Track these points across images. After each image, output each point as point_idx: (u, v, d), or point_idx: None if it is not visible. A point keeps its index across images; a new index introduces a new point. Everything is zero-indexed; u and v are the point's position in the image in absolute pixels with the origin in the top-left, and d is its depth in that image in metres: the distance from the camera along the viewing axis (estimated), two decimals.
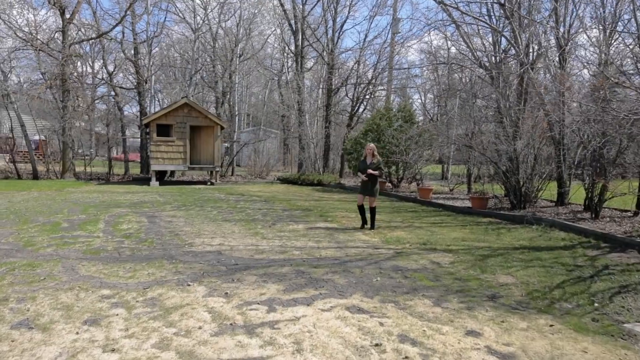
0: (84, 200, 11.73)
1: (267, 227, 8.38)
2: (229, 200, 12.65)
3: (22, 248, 6.02)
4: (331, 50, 20.91)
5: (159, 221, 8.62)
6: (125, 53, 25.21)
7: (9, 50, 19.01)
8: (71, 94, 19.83)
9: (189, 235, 7.34)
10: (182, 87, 25.80)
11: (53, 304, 3.97)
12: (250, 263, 5.63)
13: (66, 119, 19.64)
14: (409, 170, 15.56)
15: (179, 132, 18.06)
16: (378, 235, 7.76)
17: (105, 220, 8.54)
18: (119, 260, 5.59)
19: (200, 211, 10.17)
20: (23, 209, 9.82)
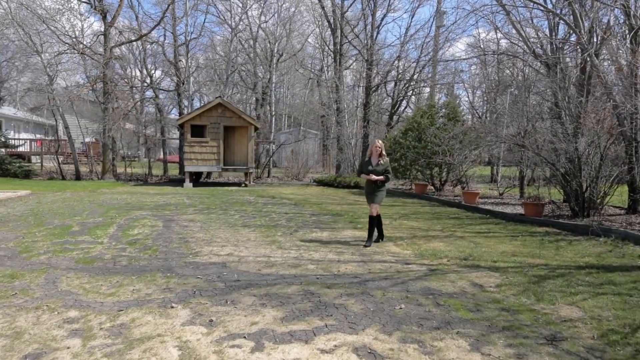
0: (110, 201, 11.49)
1: (288, 234, 7.58)
2: (256, 203, 12.01)
3: (17, 255, 5.57)
4: (370, 47, 19.89)
5: (174, 226, 8.05)
6: (166, 55, 25.46)
7: (54, 54, 19.50)
8: (111, 96, 20.06)
9: (198, 242, 6.68)
10: (217, 87, 25.68)
11: (4, 328, 3.35)
12: (254, 279, 4.84)
13: (106, 121, 19.90)
14: (453, 173, 14.27)
15: (213, 132, 17.74)
16: (411, 246, 6.74)
17: (119, 223, 8.08)
18: (109, 272, 4.97)
19: (222, 215, 9.56)
20: (46, 210, 9.62)
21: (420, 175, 15.13)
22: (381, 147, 6.93)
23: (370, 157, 7.03)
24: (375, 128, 21.07)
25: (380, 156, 6.88)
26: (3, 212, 9.25)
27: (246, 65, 26.70)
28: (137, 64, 25.45)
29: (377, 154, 6.90)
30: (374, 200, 6.86)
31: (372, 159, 6.95)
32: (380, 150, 6.89)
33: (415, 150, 14.35)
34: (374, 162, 6.88)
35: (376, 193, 6.86)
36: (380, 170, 6.76)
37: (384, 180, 6.81)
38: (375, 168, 6.77)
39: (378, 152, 6.89)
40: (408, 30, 19.98)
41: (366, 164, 6.96)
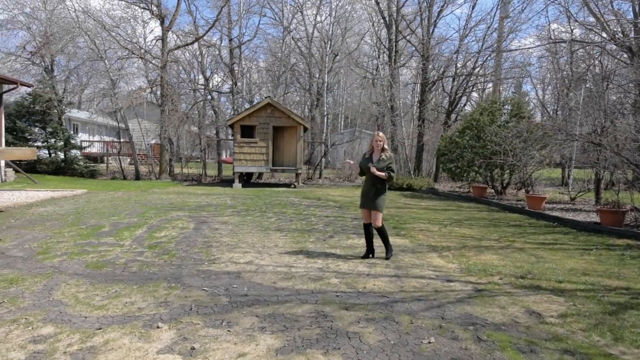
0: (154, 201, 11.51)
1: (321, 240, 6.93)
2: (299, 205, 11.48)
3: (33, 257, 5.41)
4: (426, 42, 18.70)
5: (205, 228, 7.69)
6: (222, 58, 25.86)
7: (115, 60, 20.37)
8: (167, 98, 20.59)
9: (221, 248, 6.22)
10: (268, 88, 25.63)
11: None
12: (264, 294, 4.24)
13: (163, 123, 20.45)
14: (517, 174, 12.84)
15: (262, 132, 17.54)
16: (458, 259, 5.82)
17: (151, 224, 7.87)
18: (113, 279, 4.60)
19: (258, 217, 9.11)
20: (89, 209, 9.74)
21: (479, 177, 13.83)
22: (383, 140, 5.70)
23: (371, 153, 5.81)
24: (431, 127, 19.84)
25: (382, 150, 5.70)
26: (50, 210, 9.46)
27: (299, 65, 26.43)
28: (195, 67, 26.07)
29: (378, 148, 5.70)
30: (373, 206, 5.66)
31: (374, 154, 5.77)
32: (382, 144, 5.70)
33: (473, 150, 13.11)
34: (375, 157, 5.73)
35: (374, 197, 5.66)
36: (381, 167, 5.59)
37: (385, 177, 5.58)
38: (375, 164, 5.61)
39: (379, 146, 5.69)
40: (468, 23, 18.53)
41: (365, 160, 5.77)
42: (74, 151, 22.10)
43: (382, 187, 5.73)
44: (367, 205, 5.76)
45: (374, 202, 5.68)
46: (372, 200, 5.69)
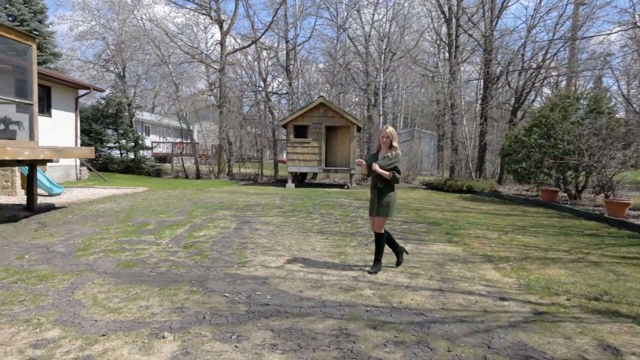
0: (205, 200, 11.63)
1: (363, 245, 6.46)
2: (349, 206, 11.04)
3: (72, 253, 5.47)
4: (489, 35, 17.42)
5: (245, 228, 7.51)
6: (279, 59, 26.06)
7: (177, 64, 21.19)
8: (226, 100, 21.04)
9: (256, 250, 5.96)
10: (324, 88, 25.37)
11: None
12: (287, 305, 3.87)
13: (221, 124, 20.94)
14: (594, 177, 11.44)
15: (315, 132, 17.30)
16: (517, 272, 5.09)
17: (194, 223, 7.84)
18: (138, 280, 4.48)
19: (302, 218, 8.81)
20: (143, 207, 9.99)
21: (550, 180, 12.53)
22: (390, 136, 4.96)
23: (379, 149, 5.15)
24: (495, 126, 18.46)
25: (390, 147, 4.99)
26: (107, 207, 9.83)
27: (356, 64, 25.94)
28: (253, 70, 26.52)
29: (386, 144, 4.98)
30: (376, 211, 5.01)
31: (380, 152, 5.10)
32: (390, 140, 4.95)
33: (542, 149, 11.89)
34: (381, 154, 5.05)
35: (376, 200, 5.01)
36: (385, 165, 4.89)
37: (389, 177, 4.88)
38: (379, 162, 4.94)
39: (387, 142, 4.96)
40: (537, 11, 16.97)
41: (371, 157, 5.12)
42: (143, 151, 23.33)
43: (386, 187, 4.99)
44: (372, 212, 5.10)
45: (376, 205, 5.00)
46: (375, 204, 5.03)
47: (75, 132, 16.39)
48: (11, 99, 8.37)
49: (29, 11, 20.48)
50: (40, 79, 14.34)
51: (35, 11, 20.87)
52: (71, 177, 16.32)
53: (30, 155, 7.47)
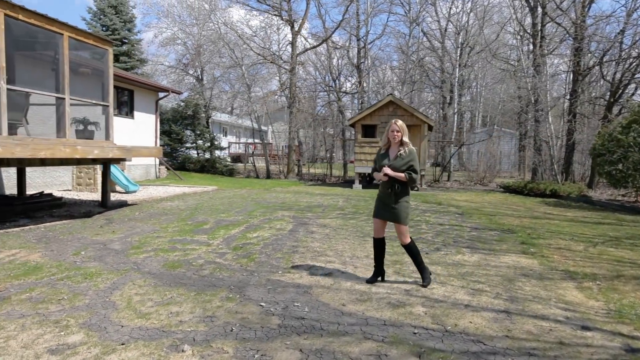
0: (269, 200, 11.63)
1: (423, 253, 5.86)
2: (415, 209, 10.37)
3: (125, 251, 5.57)
4: (581, 21, 15.53)
5: (301, 231, 7.25)
6: (350, 58, 25.71)
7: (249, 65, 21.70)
8: (295, 100, 21.15)
9: (305, 254, 5.65)
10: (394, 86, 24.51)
11: None
12: (325, 320, 3.50)
13: (291, 124, 21.08)
14: None
15: (383, 132, 16.65)
16: (605, 294, 4.25)
17: (251, 224, 7.75)
18: (178, 282, 4.37)
19: (362, 221, 8.37)
20: (207, 205, 10.19)
21: None
22: (401, 131, 4.29)
23: (388, 147, 4.46)
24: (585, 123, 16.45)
25: (401, 144, 4.32)
26: (174, 205, 10.16)
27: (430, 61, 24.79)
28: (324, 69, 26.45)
29: (396, 142, 4.33)
30: (395, 217, 4.34)
31: (390, 150, 4.43)
32: (400, 135, 4.29)
33: None
34: (393, 153, 4.37)
35: (393, 205, 4.34)
36: (400, 165, 4.24)
37: (404, 179, 4.24)
38: (392, 163, 4.28)
39: (397, 138, 4.30)
40: None
41: (380, 157, 4.45)
42: (218, 151, 24.29)
43: (404, 190, 4.34)
44: (384, 216, 4.43)
45: (395, 211, 4.33)
46: (392, 210, 4.34)
47: (155, 133, 17.39)
48: (89, 101, 8.92)
49: (119, 21, 22.23)
50: (124, 83, 15.39)
51: (125, 20, 22.61)
52: (151, 175, 17.35)
53: (99, 154, 7.86)
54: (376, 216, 4.54)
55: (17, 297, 3.75)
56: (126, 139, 14.58)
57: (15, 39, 7.63)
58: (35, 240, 5.95)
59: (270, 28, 24.34)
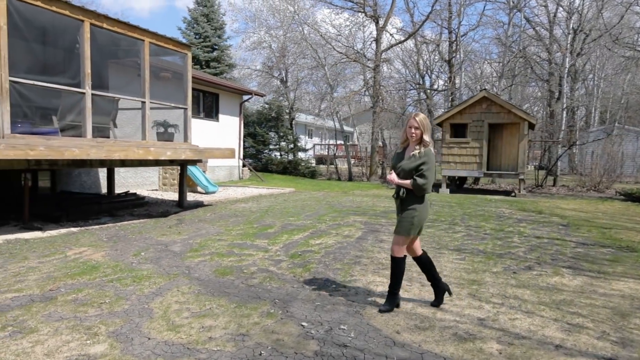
0: (344, 203, 11.16)
1: (509, 272, 4.97)
2: (508, 218, 9.17)
3: (182, 254, 5.47)
4: None
5: (369, 239, 6.66)
6: (440, 52, 24.33)
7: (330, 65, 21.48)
8: (379, 99, 20.47)
9: (368, 267, 5.07)
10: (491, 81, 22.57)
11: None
12: (370, 350, 2.93)
13: (374, 124, 20.44)
14: None
15: (475, 131, 15.31)
16: None
17: (317, 229, 7.34)
18: (222, 292, 4.07)
19: (442, 231, 7.51)
20: (279, 208, 10.03)
21: None
22: (421, 128, 3.56)
23: (406, 145, 3.76)
24: None
25: (420, 142, 3.60)
26: (247, 206, 10.16)
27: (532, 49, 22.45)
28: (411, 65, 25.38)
29: (413, 140, 3.63)
30: (397, 228, 3.78)
31: (407, 150, 3.73)
32: (421, 132, 3.57)
33: None
34: (408, 153, 3.68)
35: (399, 213, 3.77)
36: (410, 168, 3.57)
37: (409, 187, 3.58)
38: (402, 164, 3.65)
39: (415, 136, 3.59)
40: None
41: (396, 158, 3.81)
42: (301, 153, 24.50)
43: (410, 198, 3.64)
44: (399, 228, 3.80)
45: (399, 221, 3.77)
46: (398, 219, 3.79)
47: (239, 135, 17.92)
48: (167, 104, 9.24)
49: (210, 28, 23.48)
50: (209, 87, 16.03)
51: (215, 27, 23.82)
52: (234, 176, 17.90)
53: (172, 156, 8.03)
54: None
55: (63, 297, 3.72)
56: (210, 141, 15.14)
57: (101, 47, 8.11)
58: (106, 239, 6.14)
59: (354, 26, 23.96)
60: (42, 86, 6.74)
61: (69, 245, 5.61)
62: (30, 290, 3.84)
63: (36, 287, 3.95)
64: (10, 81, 6.23)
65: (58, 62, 7.92)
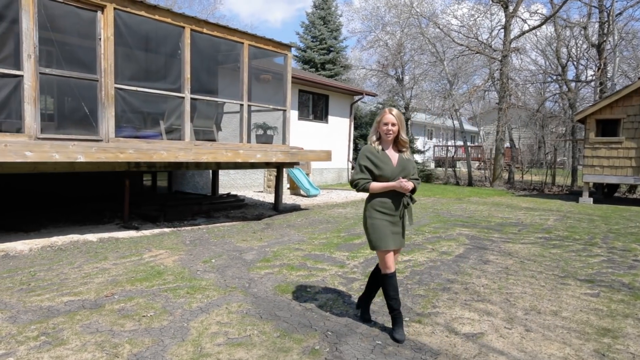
0: (452, 212, 9.91)
1: None
2: None
3: (251, 264, 5.10)
4: None
5: (472, 258, 5.56)
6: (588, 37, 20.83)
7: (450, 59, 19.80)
8: (506, 94, 18.23)
9: (458, 296, 4.08)
10: None
11: None
12: None
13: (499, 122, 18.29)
14: None
15: (630, 128, 12.52)
16: None
17: (409, 242, 6.43)
18: (271, 316, 3.54)
19: (572, 253, 5.99)
20: None
21: None
22: (399, 123, 3.07)
23: (380, 146, 3.13)
24: None
25: (398, 144, 3.16)
26: (343, 212, 9.61)
27: None
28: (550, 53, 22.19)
29: (390, 139, 3.10)
30: (403, 242, 3.27)
31: (387, 150, 3.14)
32: (396, 130, 3.08)
33: None
34: (394, 157, 3.14)
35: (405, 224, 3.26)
36: (412, 173, 3.18)
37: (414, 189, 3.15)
38: (408, 170, 3.13)
39: (391, 134, 3.07)
40: None
41: (380, 158, 3.09)
42: (416, 155, 23.18)
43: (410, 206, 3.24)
44: (397, 241, 3.19)
45: (404, 233, 3.27)
46: (402, 232, 3.24)
47: (349, 137, 17.50)
48: (265, 106, 9.17)
49: (327, 30, 23.56)
50: (318, 88, 15.91)
51: (332, 29, 23.84)
52: (343, 179, 17.54)
53: (261, 158, 7.86)
54: (389, 247, 3.13)
55: (111, 306, 3.59)
56: (318, 143, 14.97)
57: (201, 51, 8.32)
58: (189, 242, 6.13)
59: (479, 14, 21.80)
60: (144, 92, 7.09)
61: (150, 247, 5.69)
62: (86, 295, 3.80)
63: (94, 291, 3.90)
64: (115, 88, 6.64)
65: (159, 68, 8.34)
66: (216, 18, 30.75)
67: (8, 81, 5.74)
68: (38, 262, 4.81)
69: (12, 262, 4.80)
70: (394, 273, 3.17)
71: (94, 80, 6.52)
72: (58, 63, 6.53)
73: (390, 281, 3.15)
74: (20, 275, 4.29)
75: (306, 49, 24.43)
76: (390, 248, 3.12)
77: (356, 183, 3.13)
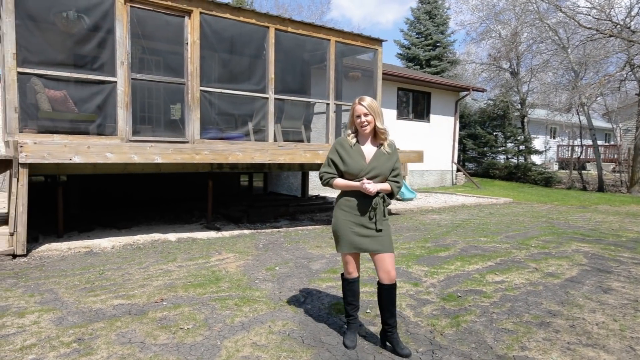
0: (572, 223, 8.38)
1: None
2: None
3: (314, 274, 4.68)
4: None
5: (587, 284, 4.44)
6: None
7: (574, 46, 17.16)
8: None
9: (562, 335, 3.18)
10: None
11: None
12: None
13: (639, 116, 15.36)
14: None
15: None
16: None
17: (508, 258, 5.44)
18: (315, 341, 3.08)
19: None
20: (476, 223, 8.22)
21: None
22: (373, 113, 2.69)
23: (356, 139, 2.80)
24: None
25: (375, 137, 2.79)
26: (437, 218, 8.73)
27: None
28: None
29: (366, 131, 2.74)
30: (380, 245, 2.75)
31: (364, 145, 2.80)
32: (371, 121, 2.71)
33: None
34: (368, 152, 2.78)
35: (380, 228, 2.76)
36: (386, 169, 2.75)
37: (389, 191, 2.77)
38: (374, 165, 2.73)
39: (366, 127, 2.72)
40: None
41: (353, 156, 2.74)
42: (534, 156, 20.72)
43: (384, 210, 2.78)
44: (363, 245, 2.77)
45: (380, 237, 2.75)
46: (374, 235, 2.75)
47: (453, 136, 16.20)
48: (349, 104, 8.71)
49: (433, 25, 22.25)
50: (419, 86, 14.99)
51: (438, 24, 22.45)
52: (446, 182, 16.28)
53: None
54: (347, 249, 2.84)
55: (154, 313, 3.46)
56: (419, 143, 14.05)
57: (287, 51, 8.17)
58: (262, 246, 5.95)
59: None
60: (229, 94, 7.15)
61: (221, 250, 5.61)
62: (138, 299, 3.75)
63: (147, 295, 3.84)
64: (201, 91, 6.78)
65: (244, 70, 8.38)
66: (323, 22, 31.12)
67: (104, 87, 6.17)
68: (112, 261, 4.99)
69: (91, 259, 5.06)
70: (355, 279, 2.94)
71: (180, 83, 6.74)
72: (148, 68, 6.89)
73: (349, 286, 2.94)
74: (89, 274, 4.45)
75: (410, 46, 23.39)
76: (344, 251, 2.87)
77: (321, 176, 2.89)
